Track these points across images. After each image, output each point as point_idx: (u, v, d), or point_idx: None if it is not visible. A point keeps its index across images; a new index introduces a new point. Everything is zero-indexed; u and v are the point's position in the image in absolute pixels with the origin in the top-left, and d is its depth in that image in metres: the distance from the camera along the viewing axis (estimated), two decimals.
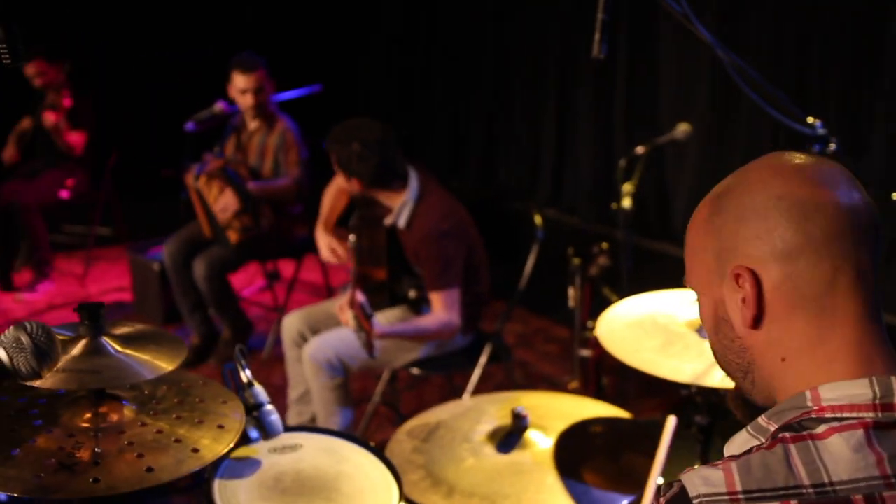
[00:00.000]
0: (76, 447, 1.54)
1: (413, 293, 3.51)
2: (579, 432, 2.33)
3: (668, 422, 2.03)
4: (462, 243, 3.39)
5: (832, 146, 2.47)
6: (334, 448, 2.09)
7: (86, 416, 1.63)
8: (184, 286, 4.61)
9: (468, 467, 2.19)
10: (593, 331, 3.03)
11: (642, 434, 2.37)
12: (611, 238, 4.10)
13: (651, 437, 2.34)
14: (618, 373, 3.64)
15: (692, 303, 2.44)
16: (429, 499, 2.08)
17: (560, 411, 2.41)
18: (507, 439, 2.26)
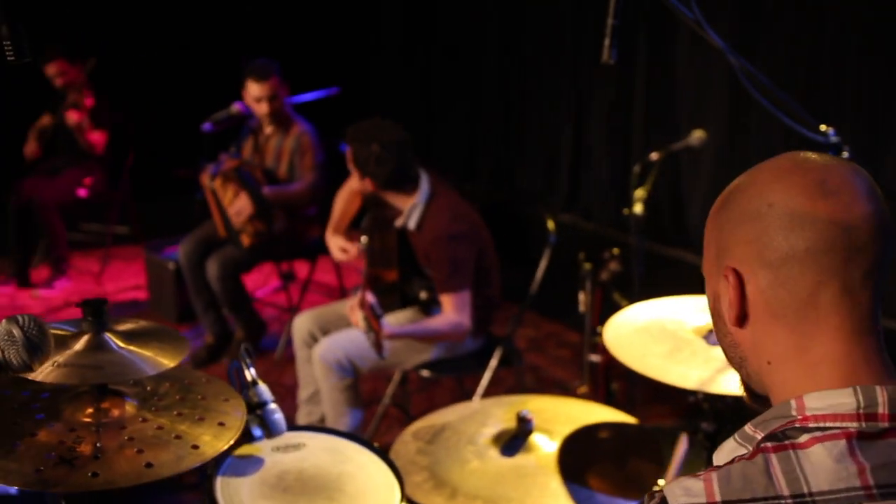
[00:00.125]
0: (77, 441, 1.55)
1: (424, 295, 3.51)
2: (585, 437, 2.32)
3: (680, 440, 2.01)
4: (473, 245, 3.38)
5: (845, 154, 2.45)
6: (338, 448, 2.09)
7: (88, 411, 1.64)
8: (198, 285, 4.63)
9: (472, 470, 2.19)
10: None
11: (648, 440, 2.35)
12: (627, 243, 4.08)
13: (657, 444, 2.33)
14: (627, 378, 3.63)
15: (700, 310, 2.44)
16: (431, 500, 2.08)
17: (566, 416, 2.40)
18: (512, 442, 2.26)
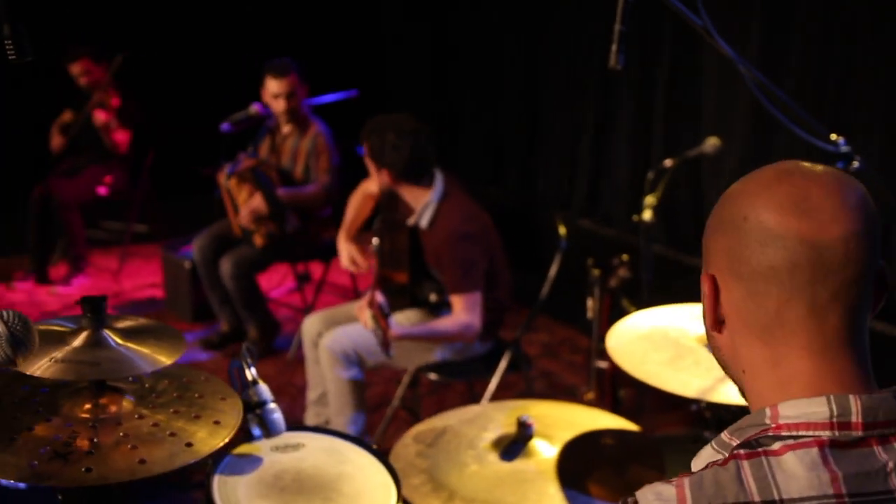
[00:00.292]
0: (72, 437, 1.57)
1: (434, 297, 3.52)
2: (585, 443, 2.30)
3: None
4: (484, 247, 3.39)
5: (855, 164, 2.44)
6: (336, 449, 2.10)
7: (86, 407, 1.66)
8: (212, 280, 4.69)
9: (470, 473, 2.18)
10: None
11: (650, 448, 2.34)
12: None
13: (659, 451, 2.32)
14: (636, 386, 3.61)
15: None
16: (428, 503, 2.08)
17: (569, 422, 2.39)
18: (512, 447, 2.25)
